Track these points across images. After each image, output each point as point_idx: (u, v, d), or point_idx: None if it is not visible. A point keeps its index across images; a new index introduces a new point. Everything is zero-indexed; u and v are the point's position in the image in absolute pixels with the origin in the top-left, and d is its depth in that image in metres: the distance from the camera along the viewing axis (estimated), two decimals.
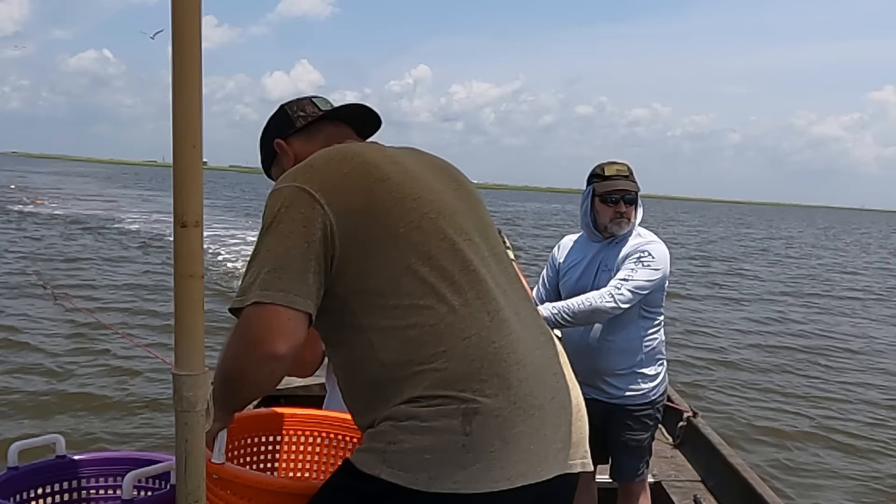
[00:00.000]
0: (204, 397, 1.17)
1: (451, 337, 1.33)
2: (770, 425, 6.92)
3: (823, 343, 11.12)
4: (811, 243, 41.18)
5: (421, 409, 1.30)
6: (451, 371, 1.31)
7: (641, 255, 2.81)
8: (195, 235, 1.12)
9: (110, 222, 23.95)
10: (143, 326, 9.25)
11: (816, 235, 52.53)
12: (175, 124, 1.08)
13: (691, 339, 10.59)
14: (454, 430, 1.28)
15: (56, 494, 1.58)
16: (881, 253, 36.24)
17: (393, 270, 1.35)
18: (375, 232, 1.37)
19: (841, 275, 22.60)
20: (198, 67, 1.08)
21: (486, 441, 1.28)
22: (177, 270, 1.12)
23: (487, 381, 1.32)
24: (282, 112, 1.74)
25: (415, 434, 1.28)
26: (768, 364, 9.42)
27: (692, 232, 44.51)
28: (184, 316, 1.13)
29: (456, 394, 1.30)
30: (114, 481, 1.62)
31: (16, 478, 1.51)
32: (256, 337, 1.30)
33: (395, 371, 1.34)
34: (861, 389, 8.53)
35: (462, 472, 1.26)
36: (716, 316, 13.04)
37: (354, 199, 1.38)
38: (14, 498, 1.50)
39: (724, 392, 7.89)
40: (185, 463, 1.17)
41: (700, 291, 16.02)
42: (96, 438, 5.59)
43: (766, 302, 15.30)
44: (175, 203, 1.10)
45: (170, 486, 1.47)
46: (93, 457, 1.64)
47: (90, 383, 6.90)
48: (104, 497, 1.62)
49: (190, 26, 1.06)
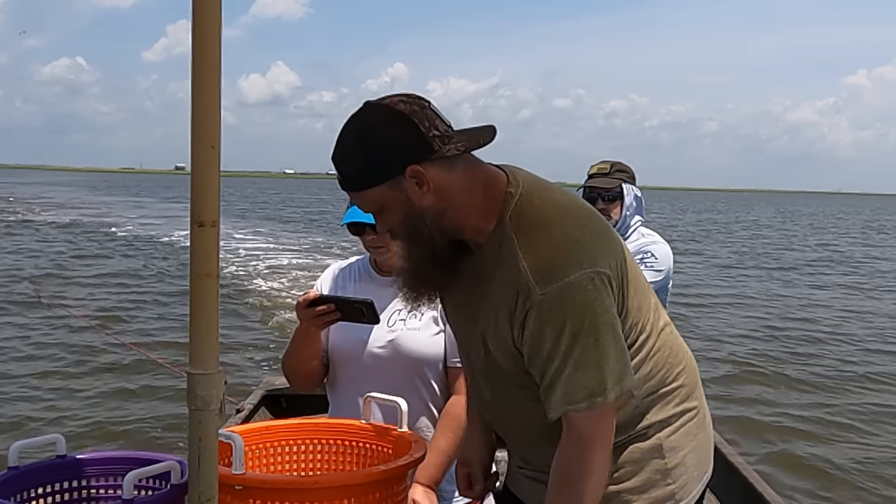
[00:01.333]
0: (217, 396, 1.17)
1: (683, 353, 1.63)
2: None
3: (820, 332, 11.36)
4: (766, 224, 43.26)
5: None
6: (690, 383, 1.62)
7: (644, 256, 2.86)
8: (212, 235, 1.12)
9: (106, 227, 23.90)
10: (143, 326, 9.20)
11: (776, 218, 54.24)
12: (194, 124, 1.08)
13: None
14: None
15: (56, 494, 1.56)
16: (833, 232, 38.19)
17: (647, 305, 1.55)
18: (636, 286, 1.51)
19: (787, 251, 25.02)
20: (217, 67, 1.08)
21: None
22: (193, 269, 1.12)
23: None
24: (410, 125, 1.39)
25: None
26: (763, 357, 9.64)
27: (661, 217, 46.54)
28: (199, 314, 1.13)
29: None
30: (114, 481, 1.60)
31: (16, 477, 1.50)
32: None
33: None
34: (859, 368, 8.76)
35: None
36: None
37: (617, 265, 1.46)
38: (14, 497, 1.49)
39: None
40: (199, 462, 1.17)
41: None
42: (97, 438, 5.56)
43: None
44: (192, 203, 1.10)
45: (170, 485, 1.47)
46: (93, 456, 1.63)
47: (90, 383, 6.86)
48: (105, 497, 1.61)
49: (210, 25, 1.06)
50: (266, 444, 1.83)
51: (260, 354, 8.30)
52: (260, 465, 1.81)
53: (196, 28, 1.06)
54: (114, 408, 6.28)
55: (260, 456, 1.82)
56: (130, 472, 1.40)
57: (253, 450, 1.80)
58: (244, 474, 1.47)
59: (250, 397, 2.99)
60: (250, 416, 2.83)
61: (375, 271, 2.29)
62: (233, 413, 2.89)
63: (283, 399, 3.01)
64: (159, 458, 1.58)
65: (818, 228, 43.26)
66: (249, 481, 1.47)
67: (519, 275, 1.40)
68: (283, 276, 14.60)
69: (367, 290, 2.22)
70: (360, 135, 1.42)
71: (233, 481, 1.46)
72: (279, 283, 13.68)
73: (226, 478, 1.45)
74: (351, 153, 1.44)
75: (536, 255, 1.40)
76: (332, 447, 1.86)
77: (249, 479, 1.47)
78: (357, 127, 1.43)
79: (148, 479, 1.57)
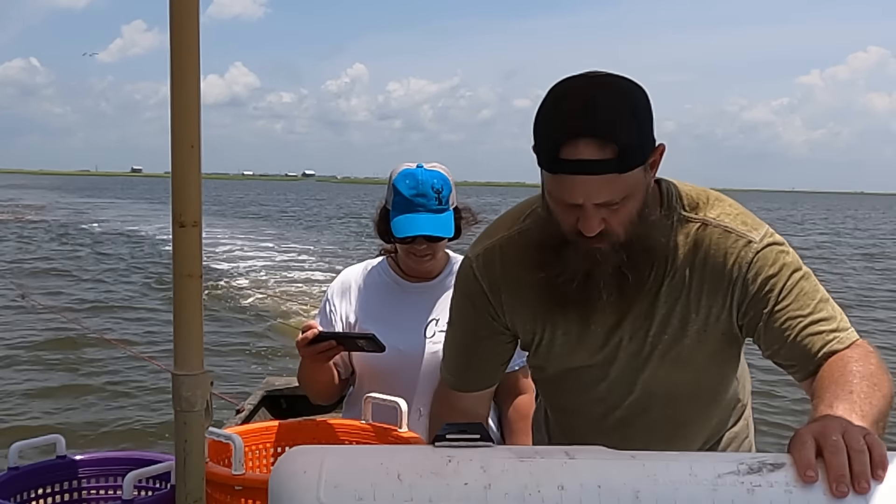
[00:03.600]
0: (203, 397, 1.17)
1: None
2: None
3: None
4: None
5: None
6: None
7: None
8: (194, 235, 1.12)
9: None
10: (141, 329, 9.28)
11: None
12: (173, 124, 1.08)
13: None
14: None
15: (56, 494, 1.57)
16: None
17: None
18: None
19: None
20: (196, 67, 1.08)
21: None
22: (175, 270, 1.12)
23: None
24: (648, 101, 1.29)
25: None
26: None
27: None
28: (182, 315, 1.13)
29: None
30: (114, 481, 1.61)
31: (16, 478, 1.51)
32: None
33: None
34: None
35: None
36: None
37: None
38: (14, 498, 1.50)
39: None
40: (185, 463, 1.17)
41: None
42: (96, 438, 5.60)
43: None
44: (174, 203, 1.10)
45: (170, 486, 1.47)
46: (93, 457, 1.63)
47: (90, 384, 6.91)
48: (105, 497, 1.62)
49: (188, 25, 1.06)
50: (266, 444, 1.83)
51: (260, 354, 8.31)
52: (260, 466, 1.81)
53: (174, 28, 1.06)
54: (114, 408, 6.31)
55: (260, 456, 1.82)
56: (130, 472, 1.41)
57: (253, 450, 1.80)
58: (244, 475, 1.46)
59: (250, 398, 2.99)
60: (250, 416, 2.83)
61: (402, 277, 2.12)
62: (233, 414, 2.89)
63: (283, 399, 3.01)
64: (159, 458, 1.59)
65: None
66: (249, 482, 1.46)
67: (723, 239, 1.39)
68: (277, 274, 14.70)
69: (397, 299, 2.09)
70: (632, 109, 1.25)
71: (232, 482, 1.45)
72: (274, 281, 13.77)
73: (225, 478, 1.45)
74: (626, 126, 1.23)
75: (730, 215, 1.41)
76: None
77: (249, 479, 1.46)
78: (629, 100, 1.26)
79: (148, 479, 1.57)
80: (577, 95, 1.24)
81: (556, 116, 1.24)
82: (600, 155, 1.20)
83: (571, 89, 1.26)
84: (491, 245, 1.52)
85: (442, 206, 1.98)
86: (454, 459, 0.95)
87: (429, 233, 1.96)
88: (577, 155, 1.21)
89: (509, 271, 1.49)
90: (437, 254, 2.04)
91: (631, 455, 0.98)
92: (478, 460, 0.95)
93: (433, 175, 1.98)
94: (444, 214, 1.98)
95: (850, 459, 0.93)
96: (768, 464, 0.95)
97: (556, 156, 1.23)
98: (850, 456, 0.94)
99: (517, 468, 0.94)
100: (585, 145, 1.20)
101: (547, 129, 1.26)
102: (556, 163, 1.24)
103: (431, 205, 1.96)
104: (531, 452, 0.99)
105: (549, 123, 1.26)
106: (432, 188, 1.96)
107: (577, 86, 1.27)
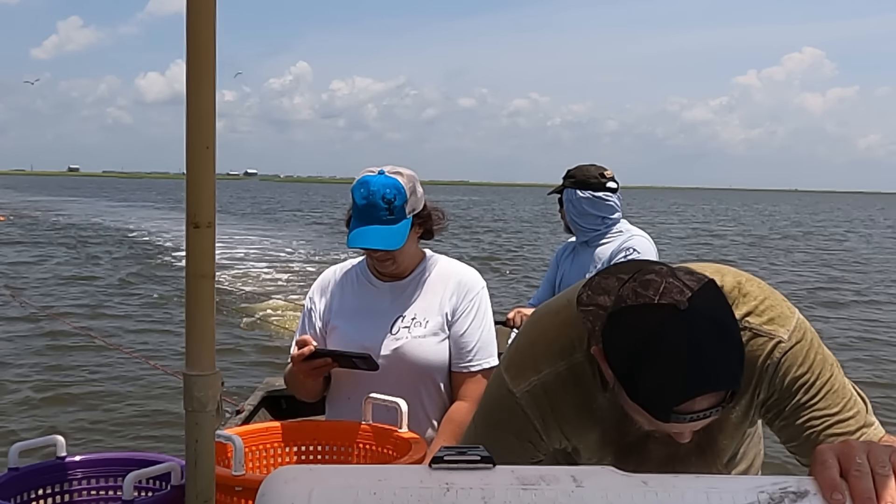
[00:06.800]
0: (214, 398, 1.17)
1: None
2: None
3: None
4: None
5: None
6: None
7: (627, 252, 2.97)
8: (208, 236, 1.12)
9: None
10: (139, 331, 9.22)
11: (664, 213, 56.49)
12: (188, 126, 1.08)
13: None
14: None
15: (56, 495, 1.56)
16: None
17: None
18: None
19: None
20: (212, 69, 1.08)
21: None
22: (189, 271, 1.12)
23: None
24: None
25: None
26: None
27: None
28: (195, 315, 1.14)
29: None
30: (114, 482, 1.60)
31: (16, 479, 1.50)
32: None
33: None
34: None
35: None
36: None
37: None
38: (15, 499, 1.49)
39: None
40: (196, 463, 1.17)
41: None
42: (97, 439, 5.56)
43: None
44: (188, 204, 1.10)
45: (170, 486, 1.47)
46: (93, 458, 1.62)
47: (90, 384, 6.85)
48: (105, 498, 1.61)
49: (205, 27, 1.06)
50: (266, 445, 1.83)
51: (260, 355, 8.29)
52: (260, 467, 1.81)
53: (190, 32, 1.06)
54: (114, 408, 6.27)
55: (260, 457, 1.82)
56: (130, 473, 1.40)
57: (253, 451, 1.80)
58: (244, 475, 1.47)
59: (250, 398, 2.99)
60: (250, 417, 2.83)
61: (375, 276, 2.18)
62: (233, 414, 2.89)
63: (283, 400, 3.00)
64: (159, 459, 1.58)
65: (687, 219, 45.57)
66: (249, 482, 1.46)
67: (751, 342, 1.33)
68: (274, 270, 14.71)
69: (366, 294, 2.17)
70: (735, 343, 1.19)
71: (233, 482, 1.46)
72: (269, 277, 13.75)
73: (226, 479, 1.45)
74: (739, 368, 1.18)
75: (757, 314, 1.35)
76: (333, 448, 1.86)
77: (249, 480, 1.47)
78: (732, 334, 1.18)
79: (148, 480, 1.57)
80: (679, 343, 1.12)
81: (664, 372, 1.13)
82: (717, 401, 1.15)
83: (670, 335, 1.13)
84: (538, 381, 1.41)
85: (393, 216, 1.97)
86: (453, 488, 0.88)
87: (374, 246, 1.99)
88: (694, 408, 1.14)
89: (565, 408, 1.41)
90: (397, 258, 2.06)
91: (643, 481, 0.91)
92: (478, 488, 0.88)
93: (388, 184, 1.97)
94: (396, 226, 1.98)
95: (876, 483, 0.89)
96: (791, 492, 0.89)
97: (670, 410, 1.14)
98: (875, 480, 0.90)
99: (521, 499, 0.88)
100: (704, 399, 1.13)
101: (654, 383, 1.14)
102: (669, 414, 1.15)
103: (381, 216, 1.97)
104: (535, 477, 0.91)
105: (654, 377, 1.13)
106: (383, 198, 1.96)
107: (675, 330, 1.13)
